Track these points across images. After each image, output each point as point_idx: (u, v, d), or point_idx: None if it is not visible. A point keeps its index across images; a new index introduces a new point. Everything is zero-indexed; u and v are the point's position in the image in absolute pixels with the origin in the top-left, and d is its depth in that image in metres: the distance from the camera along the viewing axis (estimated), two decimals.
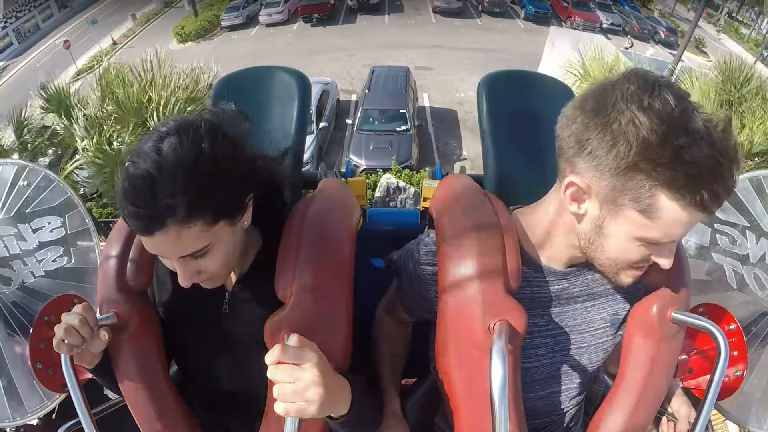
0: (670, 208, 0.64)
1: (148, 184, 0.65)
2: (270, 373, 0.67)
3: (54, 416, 1.26)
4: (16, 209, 1.32)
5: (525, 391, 0.84)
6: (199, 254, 0.72)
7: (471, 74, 12.34)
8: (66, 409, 1.20)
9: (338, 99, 11.51)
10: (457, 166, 9.21)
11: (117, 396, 0.94)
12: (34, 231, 1.32)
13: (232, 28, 17.37)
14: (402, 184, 6.56)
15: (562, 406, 0.91)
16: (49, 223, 1.33)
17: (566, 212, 0.74)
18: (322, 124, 9.69)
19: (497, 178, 1.07)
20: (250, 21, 17.68)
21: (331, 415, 0.74)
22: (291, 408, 0.67)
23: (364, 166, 8.59)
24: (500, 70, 1.16)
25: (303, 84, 1.15)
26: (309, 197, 0.91)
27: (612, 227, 0.69)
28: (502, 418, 0.65)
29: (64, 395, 1.23)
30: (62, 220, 1.33)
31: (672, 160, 0.61)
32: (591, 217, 0.71)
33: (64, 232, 1.33)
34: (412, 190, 6.52)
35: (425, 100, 12.15)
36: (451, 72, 13.41)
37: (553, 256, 0.82)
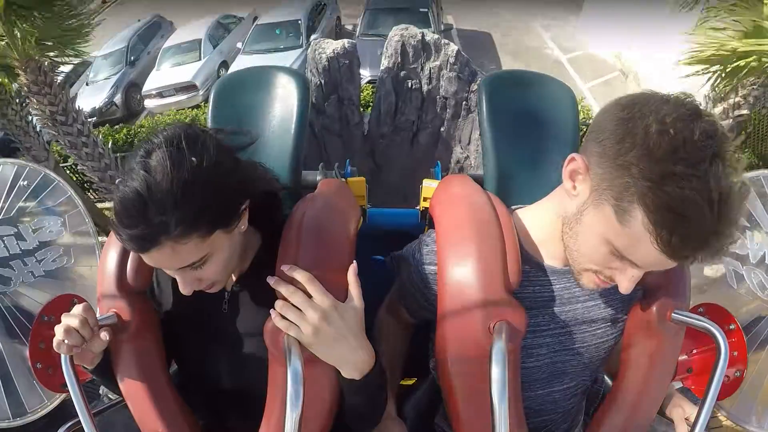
0: (639, 226, 0.61)
1: (137, 205, 0.64)
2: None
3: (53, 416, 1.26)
4: (16, 209, 1.32)
5: (526, 390, 0.84)
6: (197, 265, 0.72)
7: None
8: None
9: (339, 17, 9.97)
10: None
11: (117, 396, 0.94)
12: (34, 231, 1.32)
13: None
14: (432, 37, 3.46)
15: (562, 405, 0.91)
16: (49, 223, 1.33)
17: (566, 208, 0.74)
18: (314, 36, 7.68)
19: (497, 178, 1.07)
20: None
21: (353, 377, 0.76)
22: (291, 327, 0.71)
23: (369, 77, 6.26)
24: (501, 70, 1.16)
25: (303, 84, 1.15)
26: (309, 197, 0.91)
27: (589, 217, 0.68)
28: (502, 418, 0.65)
29: (64, 395, 1.23)
30: (62, 220, 1.34)
31: (659, 182, 0.58)
32: (579, 200, 0.71)
33: (64, 232, 1.33)
34: (453, 48, 3.44)
35: (451, 21, 9.78)
36: None
37: (554, 255, 0.82)
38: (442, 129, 3.59)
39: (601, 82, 7.94)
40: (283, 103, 1.14)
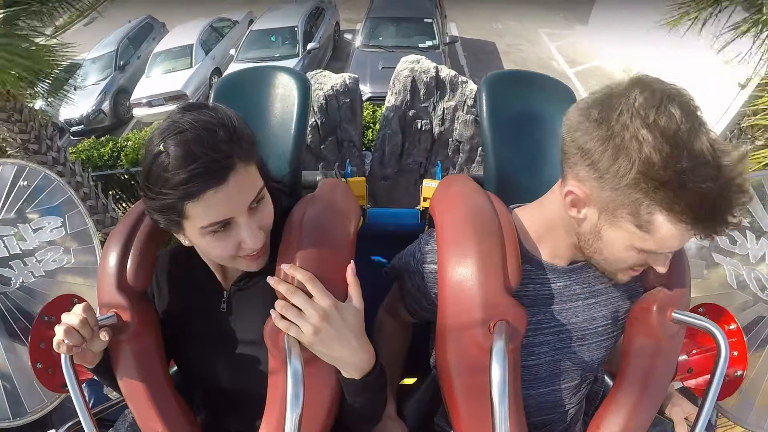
0: (666, 227, 0.65)
1: (204, 134, 0.67)
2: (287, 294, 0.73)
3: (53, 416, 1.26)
4: (16, 209, 1.32)
5: (527, 388, 0.84)
6: (260, 196, 0.75)
7: (511, 3, 10.34)
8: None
9: (338, 23, 9.46)
10: None
11: (118, 395, 0.94)
12: (34, 231, 1.32)
13: None
14: (447, 74, 2.97)
15: (563, 403, 0.91)
16: (49, 223, 1.33)
17: (577, 226, 0.75)
18: (311, 45, 7.69)
19: (497, 178, 1.07)
20: None
21: (353, 376, 0.76)
22: (292, 327, 0.72)
23: (369, 93, 5.84)
24: (502, 70, 1.17)
25: (303, 85, 1.15)
26: (308, 198, 0.91)
27: (609, 234, 0.71)
28: (502, 418, 0.65)
29: (64, 395, 1.23)
30: (62, 220, 1.34)
31: (673, 184, 0.61)
32: (590, 222, 0.72)
33: (64, 232, 1.33)
34: (472, 87, 2.99)
35: (454, 30, 9.63)
36: (484, 2, 10.72)
37: (555, 253, 0.82)
38: (453, 172, 3.15)
39: None
40: (283, 103, 1.14)
